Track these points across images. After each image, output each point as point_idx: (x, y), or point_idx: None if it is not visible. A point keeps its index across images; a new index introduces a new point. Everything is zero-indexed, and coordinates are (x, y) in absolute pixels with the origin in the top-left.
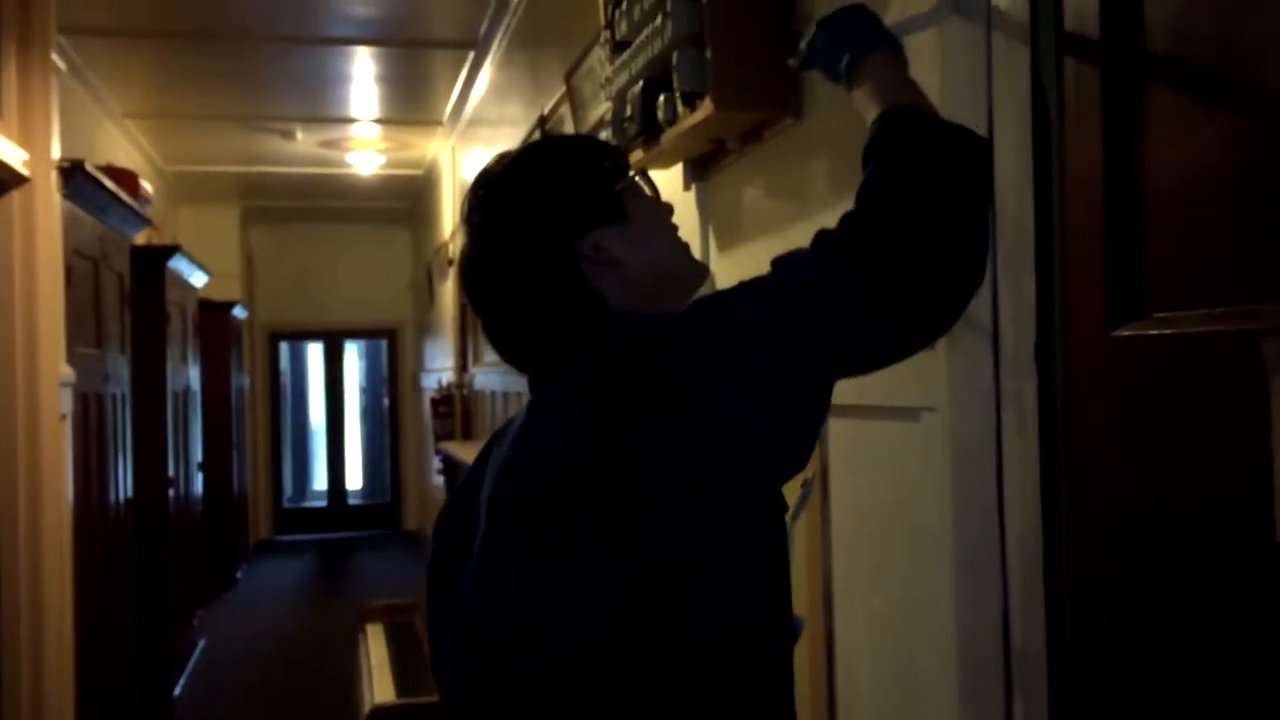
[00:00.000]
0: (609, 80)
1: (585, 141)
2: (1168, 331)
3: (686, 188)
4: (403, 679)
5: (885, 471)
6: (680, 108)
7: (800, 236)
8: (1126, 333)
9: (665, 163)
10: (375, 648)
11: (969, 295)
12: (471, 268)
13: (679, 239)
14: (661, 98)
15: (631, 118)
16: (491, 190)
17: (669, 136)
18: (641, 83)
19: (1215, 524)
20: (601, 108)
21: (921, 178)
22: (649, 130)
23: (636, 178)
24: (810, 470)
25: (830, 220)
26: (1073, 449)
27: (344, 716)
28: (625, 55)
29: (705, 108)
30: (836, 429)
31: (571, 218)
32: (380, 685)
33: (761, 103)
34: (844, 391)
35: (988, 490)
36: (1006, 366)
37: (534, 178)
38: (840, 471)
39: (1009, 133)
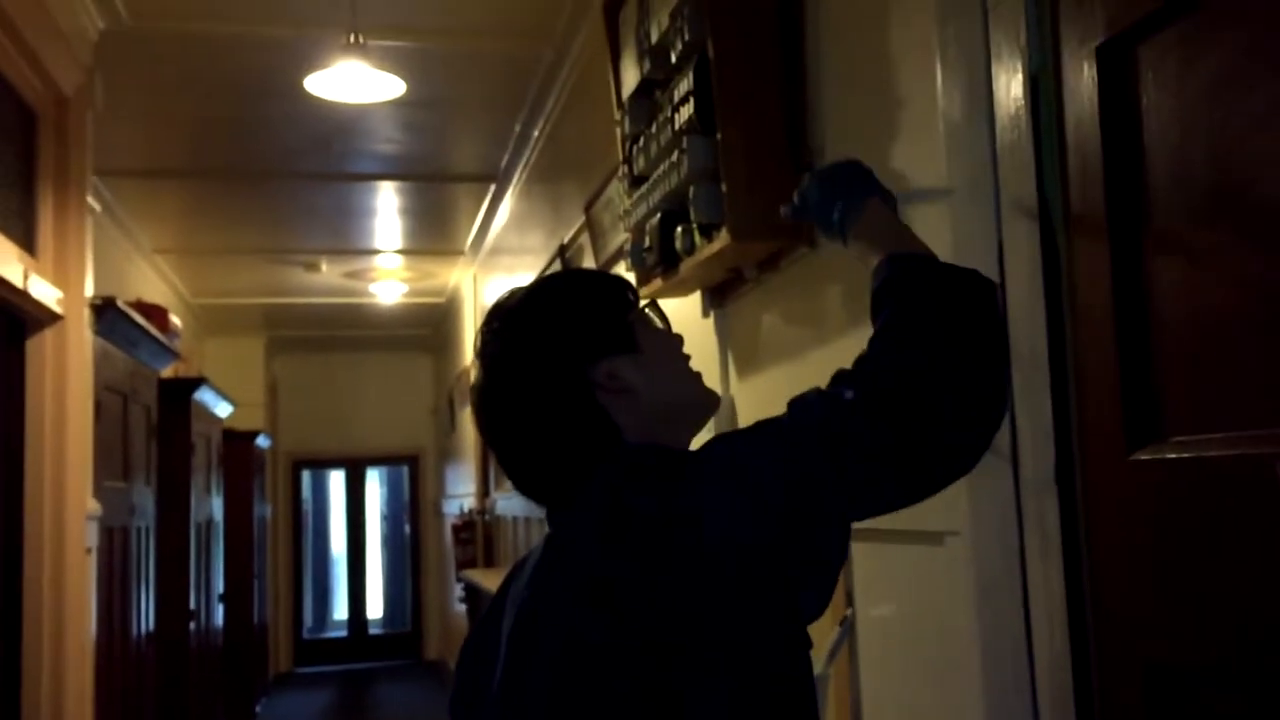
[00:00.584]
0: (628, 212)
1: (596, 274)
2: (1185, 455)
3: (705, 315)
4: None
5: (911, 596)
6: (698, 238)
7: (818, 363)
8: (1145, 456)
9: (684, 291)
10: None
11: (985, 444)
12: (486, 399)
13: (690, 369)
14: (679, 229)
15: (650, 248)
16: (505, 322)
17: (687, 266)
18: (659, 215)
19: (1247, 650)
20: (620, 238)
21: (933, 333)
22: (668, 260)
23: (647, 309)
24: (848, 609)
25: (846, 350)
26: (1096, 572)
27: None
28: (643, 189)
29: (722, 238)
30: (860, 553)
31: (584, 345)
32: None
33: (776, 233)
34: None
35: (1015, 615)
36: (1027, 489)
37: (547, 307)
38: (866, 598)
39: (1019, 258)
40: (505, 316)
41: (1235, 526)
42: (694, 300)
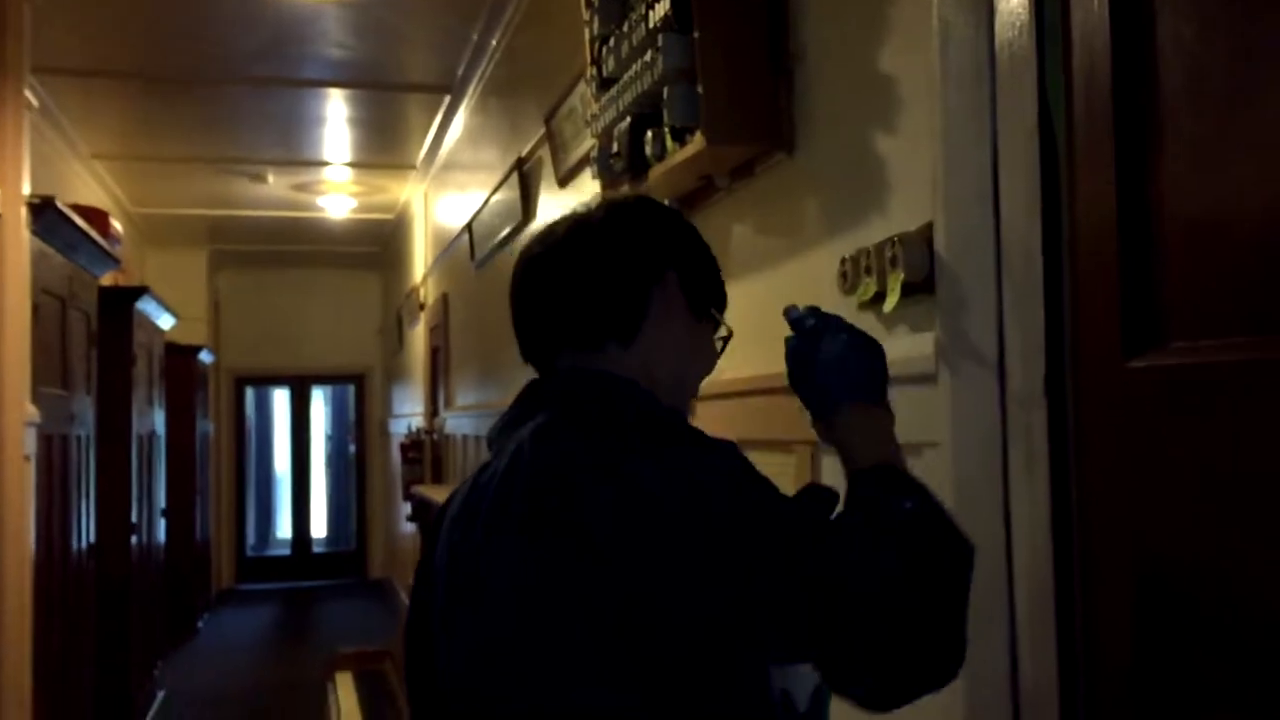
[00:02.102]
0: (595, 117)
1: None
2: (1186, 361)
3: None
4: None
5: None
6: (670, 143)
7: (790, 275)
8: (1142, 363)
9: None
10: (345, 696)
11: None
12: (558, 249)
13: (705, 373)
14: (650, 134)
15: (619, 154)
16: (614, 207)
17: (657, 173)
18: (629, 119)
19: (1245, 561)
20: (584, 148)
21: (910, 584)
22: (636, 167)
23: (721, 321)
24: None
25: (821, 262)
26: (1085, 486)
27: None
28: (612, 91)
29: (696, 143)
30: (830, 467)
31: (674, 258)
32: None
33: (754, 137)
34: None
35: (995, 531)
36: (1013, 400)
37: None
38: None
39: (1015, 157)
40: (612, 205)
41: (1237, 434)
42: (563, 220)
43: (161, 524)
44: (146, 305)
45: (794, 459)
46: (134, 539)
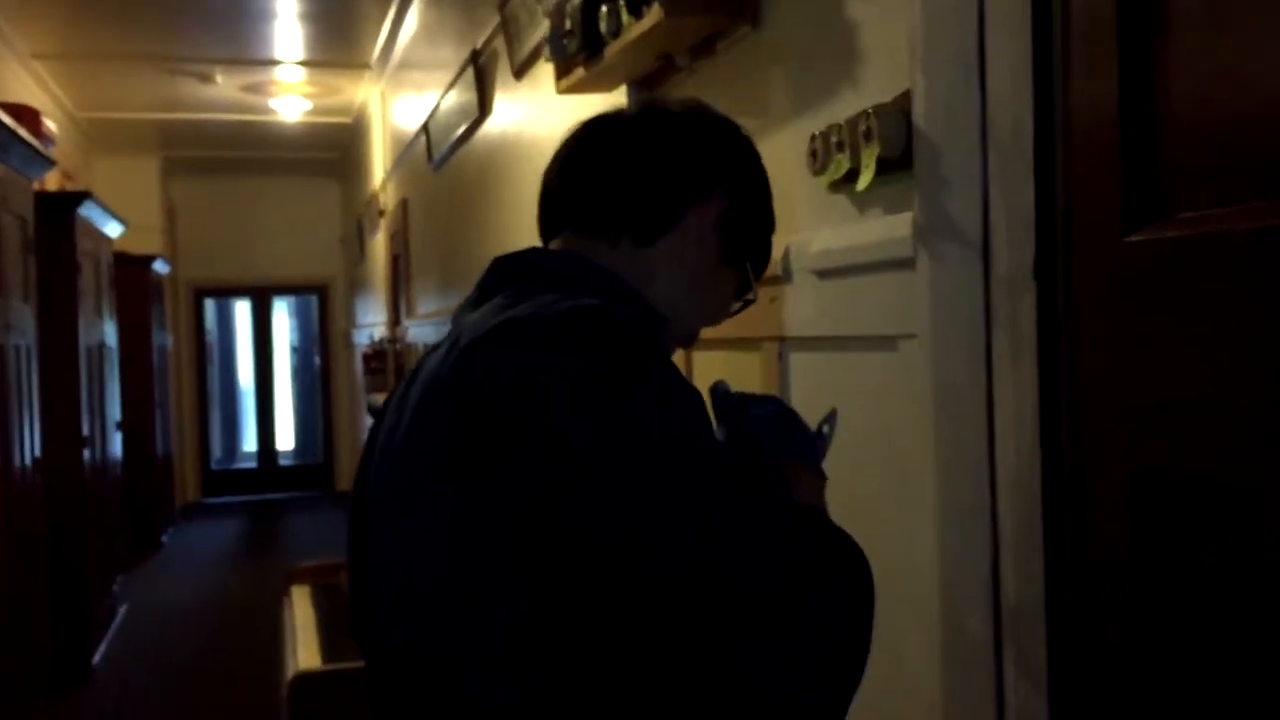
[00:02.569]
0: None
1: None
2: (1193, 233)
3: None
4: (330, 644)
5: (858, 410)
6: (625, 17)
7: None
8: (1143, 237)
9: (608, 84)
10: (301, 611)
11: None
12: (605, 127)
13: (705, 322)
14: (604, 8)
15: (571, 31)
16: (692, 108)
17: (612, 51)
18: None
19: (1257, 453)
20: (540, 33)
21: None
22: (590, 46)
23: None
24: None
25: (788, 142)
26: (1077, 375)
27: (271, 682)
28: None
29: (653, 14)
30: (799, 364)
31: (737, 183)
32: (305, 651)
33: (714, 7)
34: (807, 321)
35: (977, 427)
36: (999, 284)
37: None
38: (804, 413)
39: (1004, 15)
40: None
41: (1255, 311)
42: (619, 96)
43: (117, 438)
44: (90, 211)
45: (759, 356)
46: (86, 453)
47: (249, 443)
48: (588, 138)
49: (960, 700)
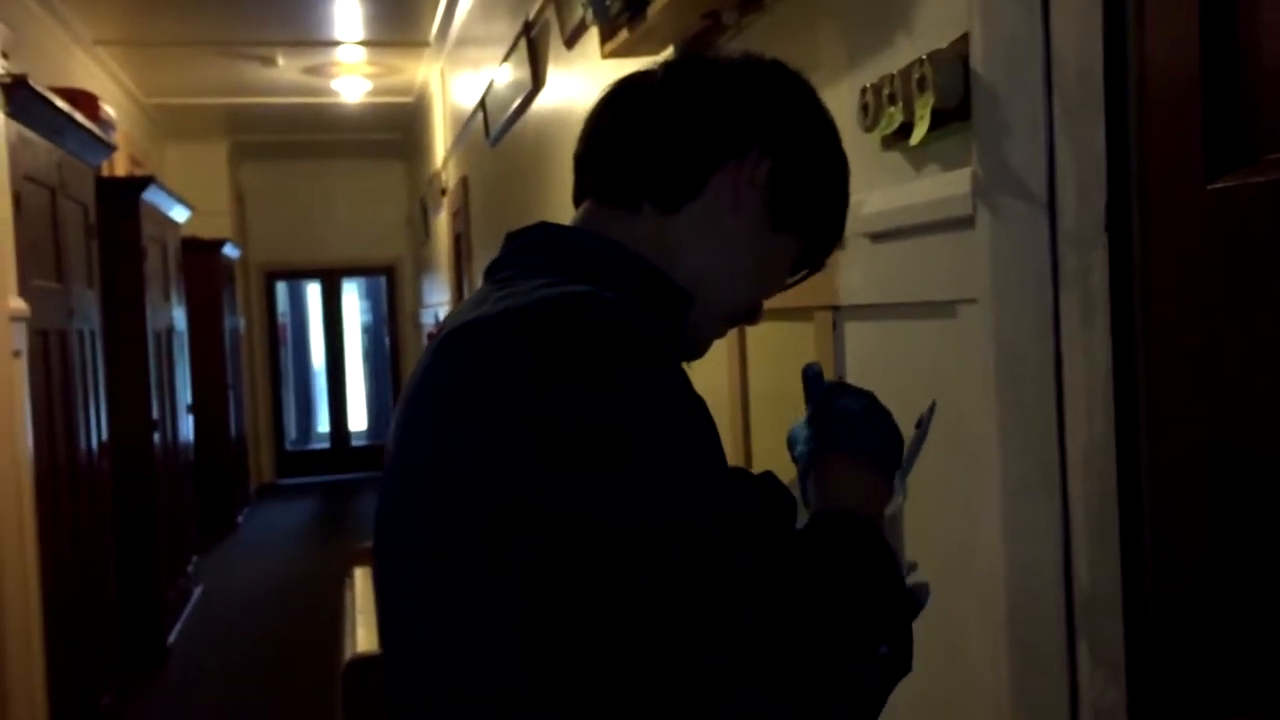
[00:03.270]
0: None
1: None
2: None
3: None
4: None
5: (914, 382)
6: None
7: None
8: (1228, 184)
9: (654, 47)
10: (362, 593)
11: None
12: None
13: (751, 297)
14: None
15: None
16: (731, 59)
17: (655, 10)
18: None
19: None
20: None
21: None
22: (633, 5)
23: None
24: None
25: (842, 98)
26: (1154, 339)
27: (335, 661)
28: None
29: None
30: (853, 333)
31: (782, 133)
32: (365, 633)
33: None
34: (862, 288)
35: (1045, 397)
36: (1066, 241)
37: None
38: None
39: None
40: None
41: None
42: (665, 59)
43: (188, 420)
44: (155, 196)
45: (812, 326)
46: (156, 436)
47: (323, 424)
48: (613, 97)
49: (1029, 696)
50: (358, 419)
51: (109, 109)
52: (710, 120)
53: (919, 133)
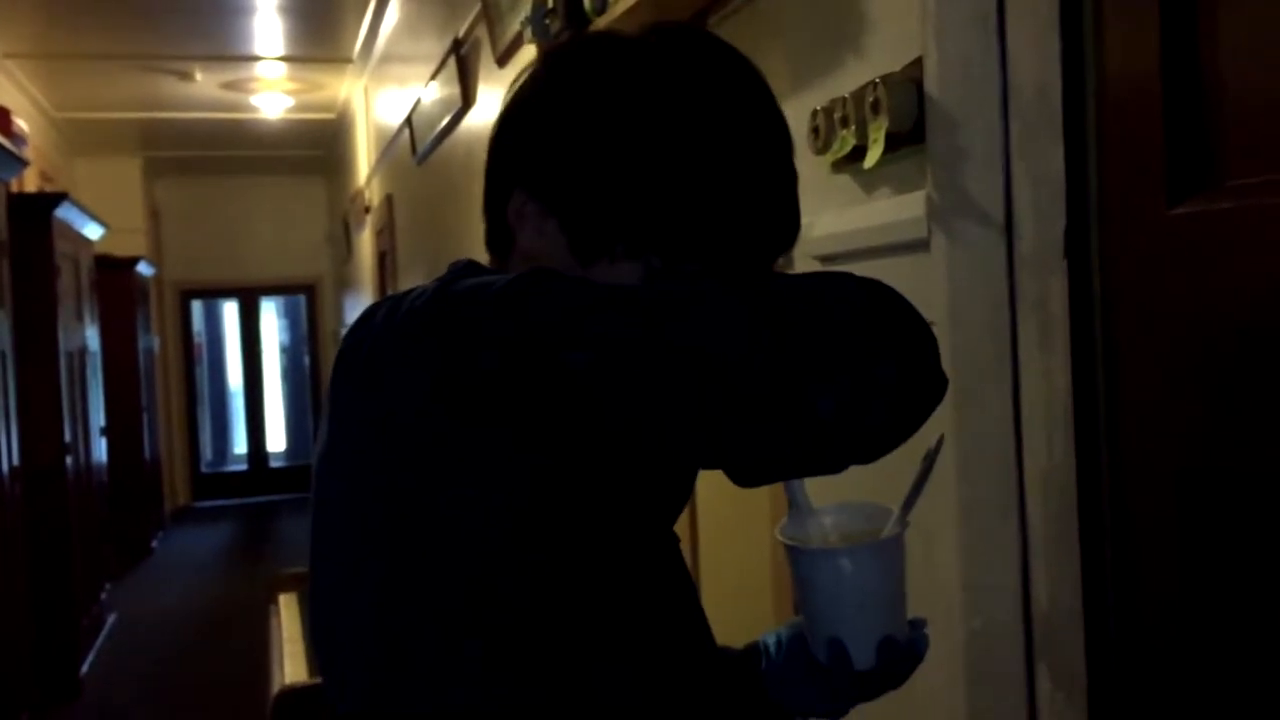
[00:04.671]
0: None
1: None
2: (1247, 202)
3: None
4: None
5: None
6: None
7: None
8: (1190, 209)
9: None
10: (288, 620)
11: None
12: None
13: None
14: None
15: (554, 10)
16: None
17: (598, 28)
18: None
19: None
20: (521, 14)
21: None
22: (575, 24)
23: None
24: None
25: (790, 116)
26: (1114, 362)
27: (260, 692)
28: None
29: None
30: None
31: (535, 159)
32: (292, 664)
33: None
34: None
35: (1003, 421)
36: (1024, 265)
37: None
38: None
39: None
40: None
41: None
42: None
43: (102, 443)
44: (68, 213)
45: None
46: (69, 460)
47: (240, 445)
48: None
49: (988, 719)
50: (276, 440)
51: (21, 123)
52: (499, 146)
53: (873, 156)
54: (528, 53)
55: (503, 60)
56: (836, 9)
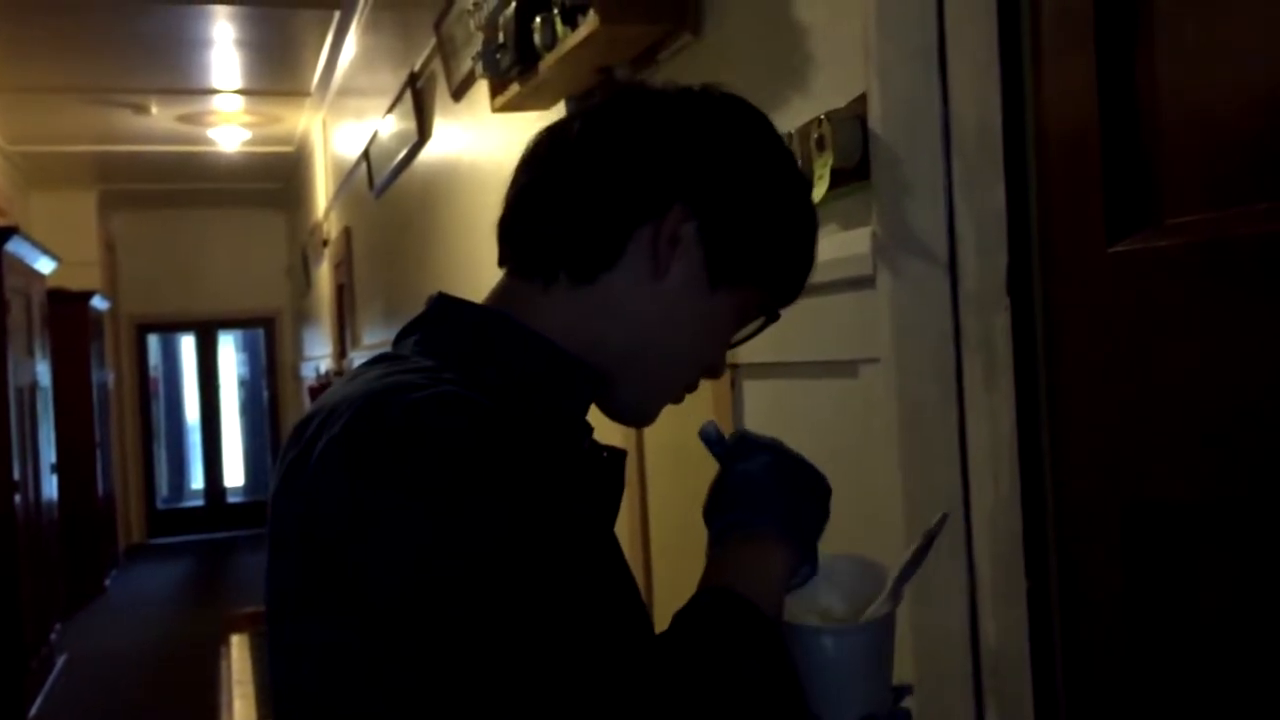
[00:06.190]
0: (478, 5)
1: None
2: (1187, 240)
3: None
4: (270, 698)
5: (816, 442)
6: (560, 27)
7: None
8: (1130, 247)
9: (544, 102)
10: (239, 662)
11: None
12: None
13: (698, 359)
14: (538, 19)
15: (505, 45)
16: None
17: (548, 64)
18: (515, 3)
19: (1266, 491)
20: (475, 49)
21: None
22: (525, 60)
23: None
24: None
25: None
26: (1060, 403)
27: None
28: None
29: (589, 23)
30: (754, 392)
31: (704, 177)
32: (242, 705)
33: (653, 15)
34: (758, 347)
35: (948, 460)
36: (968, 302)
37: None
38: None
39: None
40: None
41: (1255, 325)
42: (557, 114)
43: (52, 480)
44: (19, 247)
45: (709, 385)
46: (17, 498)
47: (197, 480)
48: (530, 155)
49: None
50: (234, 475)
51: None
52: (622, 179)
53: (818, 192)
54: (481, 87)
55: (458, 94)
56: (783, 46)
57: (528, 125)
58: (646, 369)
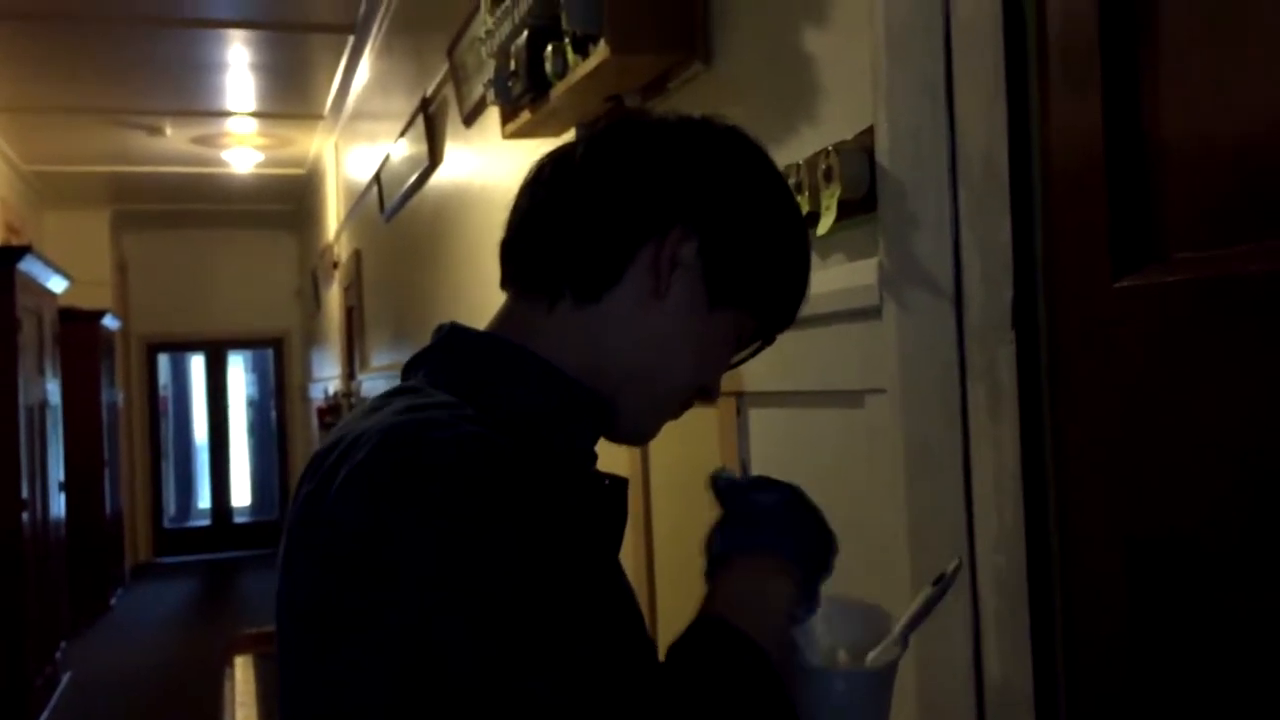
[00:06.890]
0: (490, 33)
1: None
2: (1192, 276)
3: None
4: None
5: (822, 471)
6: (571, 56)
7: None
8: (1136, 282)
9: (555, 129)
10: (243, 684)
11: None
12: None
13: (697, 379)
14: (550, 47)
15: (516, 73)
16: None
17: (559, 92)
18: (527, 32)
19: (1272, 528)
20: (486, 76)
21: None
22: (536, 87)
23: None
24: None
25: None
26: (1064, 436)
27: None
28: (507, 2)
29: (600, 52)
30: (760, 421)
31: (705, 201)
32: None
33: (664, 45)
34: (765, 375)
35: (953, 492)
36: (973, 334)
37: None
38: (769, 472)
39: (972, 39)
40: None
41: (1262, 362)
42: (589, 131)
43: (60, 498)
44: (31, 266)
45: (715, 413)
46: (25, 516)
47: (204, 500)
48: (534, 177)
49: None
50: (241, 495)
51: None
52: (626, 199)
53: (825, 223)
54: (492, 114)
55: (469, 120)
56: (791, 77)
57: (538, 152)
58: (646, 388)
